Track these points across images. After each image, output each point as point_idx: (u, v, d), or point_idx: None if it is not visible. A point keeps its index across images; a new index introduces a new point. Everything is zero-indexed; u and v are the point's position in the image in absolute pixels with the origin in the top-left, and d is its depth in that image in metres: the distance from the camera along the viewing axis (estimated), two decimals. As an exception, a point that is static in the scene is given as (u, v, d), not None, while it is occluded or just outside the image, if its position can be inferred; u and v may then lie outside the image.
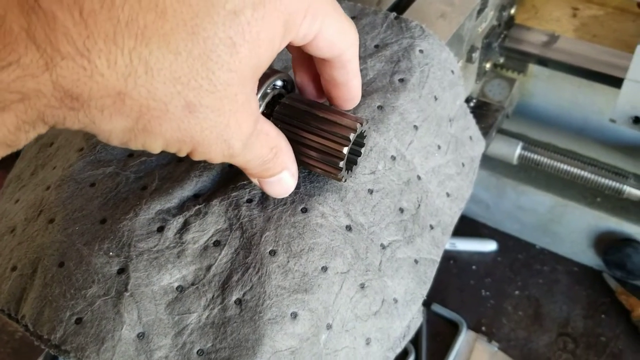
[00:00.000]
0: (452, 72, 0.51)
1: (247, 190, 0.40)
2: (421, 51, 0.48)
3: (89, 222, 0.40)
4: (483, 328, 0.81)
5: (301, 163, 0.38)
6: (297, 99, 0.38)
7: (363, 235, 0.42)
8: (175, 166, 0.43)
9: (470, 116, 0.55)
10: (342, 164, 0.37)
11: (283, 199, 0.40)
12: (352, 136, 0.36)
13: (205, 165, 0.42)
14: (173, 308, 0.37)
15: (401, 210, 0.45)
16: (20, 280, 0.40)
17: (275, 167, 0.35)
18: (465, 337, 0.80)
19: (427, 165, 0.48)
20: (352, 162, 0.40)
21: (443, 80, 0.49)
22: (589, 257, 0.85)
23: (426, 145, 0.48)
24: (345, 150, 0.36)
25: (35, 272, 0.39)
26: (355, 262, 0.40)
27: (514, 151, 0.78)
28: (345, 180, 0.39)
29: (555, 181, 0.83)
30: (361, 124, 0.37)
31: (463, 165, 0.53)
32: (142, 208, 0.39)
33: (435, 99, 0.49)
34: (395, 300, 0.43)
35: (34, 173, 0.48)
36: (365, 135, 0.40)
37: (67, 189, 0.42)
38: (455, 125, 0.52)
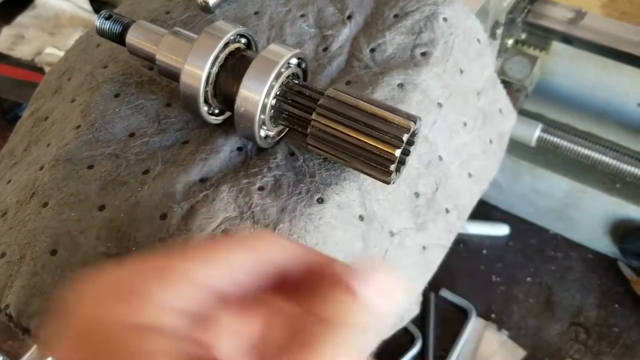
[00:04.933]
0: (479, 40, 0.47)
1: (259, 177, 0.37)
2: (445, 19, 0.44)
3: (86, 208, 0.36)
4: (493, 315, 0.79)
5: (345, 163, 0.35)
6: (343, 90, 0.34)
7: (374, 224, 0.39)
8: (180, 148, 0.39)
9: (501, 87, 0.50)
10: (392, 167, 0.33)
11: (298, 187, 0.37)
12: (405, 137, 0.32)
13: (212, 147, 0.39)
14: None
15: (417, 194, 0.42)
16: (7, 268, 0.37)
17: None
18: (474, 324, 0.77)
19: (451, 144, 0.44)
20: (400, 163, 0.36)
21: (469, 50, 0.45)
22: (605, 245, 0.82)
23: (451, 123, 0.44)
24: (398, 152, 0.33)
25: (23, 259, 0.36)
26: (363, 253, 0.38)
27: (533, 133, 0.74)
28: (394, 183, 0.36)
29: (574, 165, 0.79)
30: (415, 122, 0.33)
31: (490, 142, 0.49)
32: (144, 195, 0.36)
33: (461, 72, 0.45)
34: None
35: (26, 149, 0.45)
36: (417, 133, 0.35)
37: (62, 170, 0.39)
38: (483, 98, 0.48)
